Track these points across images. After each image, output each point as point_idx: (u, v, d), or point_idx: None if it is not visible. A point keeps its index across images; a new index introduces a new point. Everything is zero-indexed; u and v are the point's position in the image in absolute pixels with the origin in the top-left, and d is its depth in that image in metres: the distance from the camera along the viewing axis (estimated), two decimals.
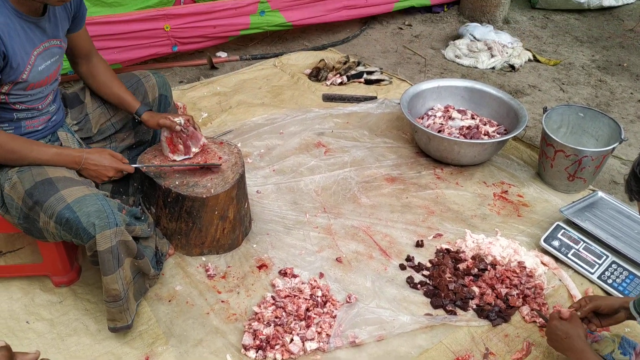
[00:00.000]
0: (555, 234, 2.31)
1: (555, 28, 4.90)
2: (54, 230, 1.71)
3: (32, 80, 1.75)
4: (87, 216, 1.64)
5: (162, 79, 2.29)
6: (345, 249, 2.28)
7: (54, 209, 1.67)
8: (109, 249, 1.67)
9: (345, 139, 3.01)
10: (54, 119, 1.95)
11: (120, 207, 1.80)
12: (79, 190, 1.71)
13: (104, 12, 3.27)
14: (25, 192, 1.71)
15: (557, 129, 2.84)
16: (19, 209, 1.74)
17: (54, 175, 1.74)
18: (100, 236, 1.65)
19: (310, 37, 4.37)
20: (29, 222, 1.76)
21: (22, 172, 1.75)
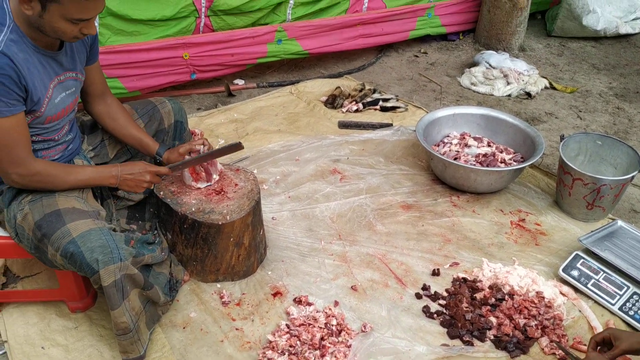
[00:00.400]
0: (574, 263, 2.27)
1: (572, 56, 4.90)
2: (61, 262, 1.73)
3: (49, 113, 1.78)
4: (90, 251, 1.65)
5: (177, 105, 2.32)
6: (360, 277, 2.27)
7: (60, 243, 1.68)
8: (112, 284, 1.67)
9: (361, 166, 3.02)
10: (70, 147, 1.98)
11: (127, 238, 1.80)
12: (84, 224, 1.72)
13: (124, 40, 3.33)
14: (35, 223, 1.73)
15: (575, 156, 2.82)
16: (30, 239, 1.77)
17: (63, 206, 1.76)
18: (103, 271, 1.65)
19: (326, 64, 4.42)
20: (40, 253, 1.78)
21: (33, 203, 1.77)
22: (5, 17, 1.62)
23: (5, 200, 1.82)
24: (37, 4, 1.57)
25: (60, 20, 1.61)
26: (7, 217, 1.82)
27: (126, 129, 2.10)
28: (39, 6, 1.57)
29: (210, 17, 3.61)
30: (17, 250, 1.90)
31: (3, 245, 1.91)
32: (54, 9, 1.57)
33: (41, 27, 1.63)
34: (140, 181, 1.92)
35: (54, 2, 1.56)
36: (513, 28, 4.74)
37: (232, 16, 3.69)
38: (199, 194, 2.15)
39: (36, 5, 1.57)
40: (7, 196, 1.82)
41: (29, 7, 1.58)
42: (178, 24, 3.50)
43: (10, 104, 1.61)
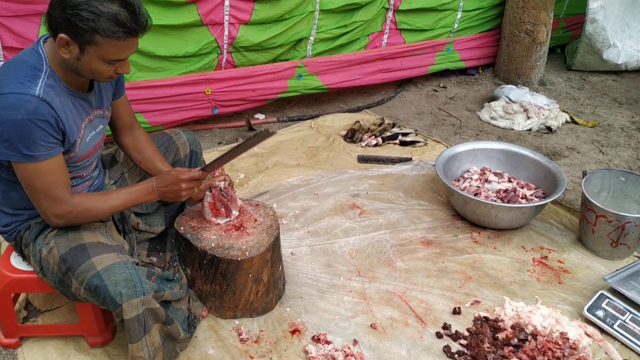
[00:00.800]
0: (600, 303, 2.22)
1: (593, 89, 4.88)
2: (85, 296, 1.74)
3: (82, 152, 1.82)
4: (114, 285, 1.66)
5: (192, 135, 2.36)
6: (379, 315, 2.24)
7: (85, 276, 1.70)
8: (135, 318, 1.68)
9: (380, 201, 3.01)
10: (96, 183, 2.02)
11: (149, 273, 1.82)
12: (109, 258, 1.73)
13: (148, 76, 3.41)
14: (60, 257, 1.75)
15: (598, 193, 2.78)
16: (55, 273, 1.79)
17: (88, 240, 1.78)
18: (126, 305, 1.66)
19: (345, 99, 4.47)
20: (64, 286, 1.80)
21: (59, 237, 1.79)
22: (41, 62, 1.66)
23: (31, 235, 1.85)
24: (76, 48, 1.61)
25: (98, 62, 1.65)
26: (32, 252, 1.84)
27: (151, 162, 2.14)
28: (77, 49, 1.61)
29: (232, 53, 3.69)
30: (40, 284, 1.92)
31: (26, 279, 1.94)
32: (92, 51, 1.62)
33: (78, 70, 1.68)
34: (178, 190, 1.91)
35: (92, 45, 1.60)
36: (532, 62, 4.75)
37: (254, 52, 3.77)
38: (218, 229, 2.16)
39: (74, 48, 1.61)
40: (34, 231, 1.85)
41: (66, 50, 1.62)
42: (201, 60, 3.58)
43: (49, 147, 1.64)
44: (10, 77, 1.61)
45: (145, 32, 1.69)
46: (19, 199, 1.79)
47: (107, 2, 1.57)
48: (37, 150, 1.61)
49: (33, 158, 1.62)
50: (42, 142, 1.62)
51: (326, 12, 3.94)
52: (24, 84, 1.59)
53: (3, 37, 2.87)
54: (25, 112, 1.56)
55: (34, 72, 1.64)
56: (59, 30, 1.59)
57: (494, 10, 4.86)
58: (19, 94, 1.57)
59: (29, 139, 1.59)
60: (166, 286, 1.96)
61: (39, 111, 1.58)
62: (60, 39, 1.59)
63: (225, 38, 3.58)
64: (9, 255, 2.00)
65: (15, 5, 2.84)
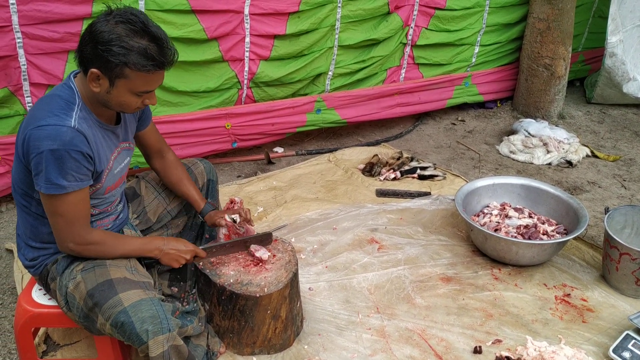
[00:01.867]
0: (626, 344, 2.16)
1: (613, 123, 4.85)
2: (110, 331, 1.75)
3: (109, 184, 1.87)
4: (141, 322, 1.67)
5: (208, 164, 2.44)
6: (399, 354, 2.20)
7: (111, 312, 1.71)
8: (160, 355, 1.68)
9: (399, 236, 3.00)
10: (120, 217, 2.06)
11: (174, 309, 1.83)
12: (135, 294, 1.75)
13: (170, 111, 3.48)
14: (87, 292, 1.77)
15: (621, 229, 2.73)
16: (80, 308, 1.80)
17: (115, 276, 1.80)
18: (152, 342, 1.66)
19: (364, 132, 4.49)
20: (89, 321, 1.81)
21: (86, 272, 1.81)
22: (74, 96, 1.73)
23: (58, 269, 1.87)
24: (106, 81, 1.68)
25: (127, 94, 1.71)
26: (58, 286, 1.86)
27: (178, 186, 2.24)
28: (107, 83, 1.68)
29: (252, 88, 3.75)
30: (60, 319, 1.93)
31: (47, 314, 1.95)
32: (122, 84, 1.68)
33: (107, 103, 1.74)
34: (181, 257, 1.99)
35: (122, 78, 1.66)
36: (551, 96, 4.75)
37: (273, 87, 3.82)
38: (237, 265, 2.16)
39: (104, 82, 1.68)
40: (61, 265, 1.87)
41: (97, 85, 1.69)
42: (221, 95, 3.64)
43: (79, 179, 1.70)
44: (45, 110, 1.68)
45: (173, 65, 1.76)
46: (47, 234, 1.83)
47: (137, 37, 1.64)
48: (67, 180, 1.66)
49: (62, 188, 1.66)
50: (74, 172, 1.67)
51: (344, 48, 4.00)
52: (59, 117, 1.66)
53: (31, 74, 2.96)
54: (62, 143, 1.62)
55: (68, 105, 1.70)
56: (90, 66, 1.66)
57: (512, 45, 4.89)
58: (55, 125, 1.64)
59: (62, 168, 1.64)
60: (187, 320, 1.97)
61: (74, 142, 1.64)
62: (91, 74, 1.66)
63: (246, 74, 3.64)
64: (31, 290, 2.02)
65: (43, 44, 2.94)
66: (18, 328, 1.97)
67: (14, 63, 2.91)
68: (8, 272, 2.67)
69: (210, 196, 2.42)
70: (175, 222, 2.33)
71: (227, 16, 3.42)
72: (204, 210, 2.26)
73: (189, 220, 2.37)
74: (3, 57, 2.87)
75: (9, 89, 2.95)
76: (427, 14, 4.28)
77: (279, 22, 3.62)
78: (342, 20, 3.88)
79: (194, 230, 2.40)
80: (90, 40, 1.63)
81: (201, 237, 2.44)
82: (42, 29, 2.90)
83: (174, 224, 2.33)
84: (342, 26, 3.91)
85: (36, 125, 1.64)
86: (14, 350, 2.22)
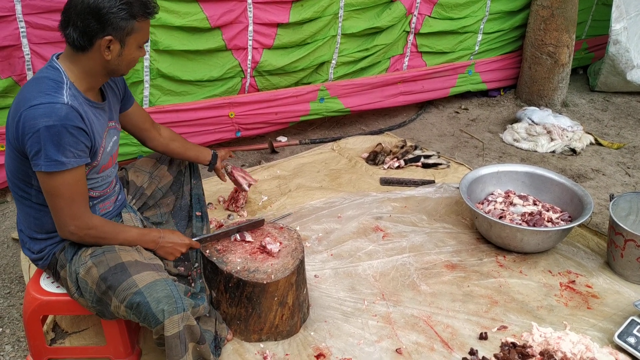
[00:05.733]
0: (631, 329, 2.17)
1: (617, 111, 4.84)
2: (124, 313, 1.76)
3: (104, 162, 1.89)
4: (157, 302, 1.69)
5: None
6: (405, 340, 2.21)
7: (126, 294, 1.72)
8: (176, 334, 1.70)
9: (404, 224, 3.00)
10: (120, 198, 2.09)
11: (186, 290, 1.85)
12: (149, 275, 1.76)
13: (173, 100, 3.47)
14: (100, 276, 1.78)
15: (626, 216, 2.74)
16: (93, 292, 1.81)
17: (126, 259, 1.81)
18: (168, 322, 1.68)
19: (367, 121, 4.48)
20: (102, 305, 1.82)
21: (96, 257, 1.82)
22: (61, 75, 1.74)
23: (67, 256, 1.88)
24: (117, 45, 1.75)
25: (135, 50, 1.81)
26: (68, 273, 1.86)
27: (184, 154, 2.40)
28: (119, 45, 1.75)
29: (255, 77, 3.74)
30: (69, 306, 1.94)
31: (55, 302, 1.96)
32: (132, 40, 1.77)
33: (118, 67, 1.81)
34: (177, 250, 2.01)
35: (133, 33, 1.76)
36: (555, 84, 4.73)
37: (277, 76, 3.81)
38: (244, 252, 2.17)
39: (116, 46, 1.75)
40: (69, 252, 1.88)
41: (108, 52, 1.75)
42: (224, 84, 3.64)
43: (78, 155, 1.71)
44: (36, 91, 1.69)
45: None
46: (51, 223, 1.83)
47: None
48: (66, 156, 1.67)
49: (62, 165, 1.67)
50: (72, 148, 1.68)
51: (348, 36, 3.99)
52: (51, 95, 1.67)
53: (34, 63, 2.96)
54: (57, 118, 1.64)
55: (57, 84, 1.72)
56: (96, 38, 1.71)
57: (515, 32, 4.86)
58: (49, 103, 1.66)
59: (60, 144, 1.65)
60: (197, 299, 1.98)
61: (70, 117, 1.66)
62: (104, 42, 1.72)
63: (249, 62, 3.64)
64: (39, 278, 2.03)
65: (47, 33, 2.93)
66: (27, 316, 1.98)
67: (18, 53, 2.91)
68: (15, 261, 2.68)
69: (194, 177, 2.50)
70: (165, 201, 2.35)
71: (231, 4, 3.41)
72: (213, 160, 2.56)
73: (177, 201, 2.40)
74: (7, 46, 2.87)
75: (13, 79, 2.95)
76: (430, 2, 4.26)
77: (282, 11, 3.61)
78: (345, 8, 3.86)
79: (184, 210, 2.41)
80: (91, 15, 1.68)
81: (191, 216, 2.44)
82: (45, 18, 2.90)
83: (164, 202, 2.35)
84: (345, 14, 3.89)
85: (29, 105, 1.65)
86: (22, 338, 2.23)
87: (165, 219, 2.33)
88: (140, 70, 3.27)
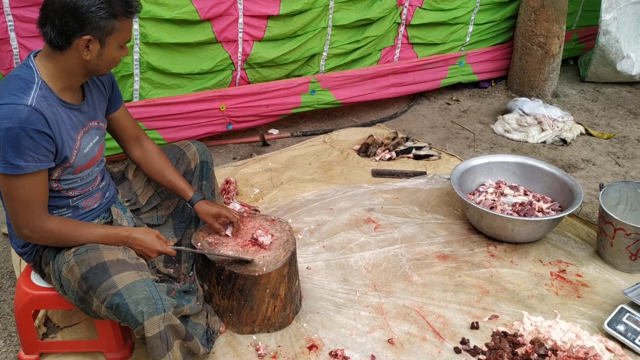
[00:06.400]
0: (620, 317, 2.20)
1: (607, 101, 4.86)
2: (106, 314, 1.75)
3: (79, 163, 1.83)
4: (136, 304, 1.67)
5: (202, 146, 2.39)
6: (397, 330, 2.23)
7: (106, 295, 1.71)
8: (157, 335, 1.69)
9: (395, 215, 3.01)
10: (107, 195, 2.05)
11: (169, 289, 1.83)
12: (129, 276, 1.74)
13: (163, 94, 3.45)
14: (81, 276, 1.77)
15: (616, 205, 2.76)
16: (75, 291, 1.80)
17: (109, 259, 1.79)
18: (148, 323, 1.67)
19: (358, 113, 4.48)
20: (85, 304, 1.82)
21: (79, 255, 1.80)
22: (33, 75, 1.70)
23: (50, 253, 1.87)
24: (96, 44, 1.69)
25: (116, 50, 1.76)
26: (52, 270, 1.86)
27: (161, 174, 2.17)
28: (98, 45, 1.70)
29: (246, 69, 3.72)
30: (60, 301, 1.94)
31: (46, 296, 1.96)
32: (112, 40, 1.72)
33: (97, 67, 1.75)
34: (146, 255, 1.94)
35: (113, 33, 1.70)
36: (546, 75, 4.75)
37: (267, 68, 3.80)
38: (235, 245, 2.17)
39: (95, 46, 1.69)
40: (53, 250, 1.87)
41: (87, 52, 1.69)
42: (215, 77, 3.62)
43: (37, 159, 1.66)
44: (4, 90, 1.65)
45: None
46: None
47: None
48: (25, 160, 1.63)
49: (19, 169, 1.63)
50: (30, 152, 1.63)
51: (339, 28, 3.97)
52: (16, 95, 1.63)
53: (23, 57, 2.93)
54: (17, 120, 1.59)
55: (26, 84, 1.67)
56: (74, 37, 1.66)
57: (506, 23, 4.87)
58: (12, 104, 1.61)
59: (18, 147, 1.61)
60: (184, 299, 1.97)
61: (30, 119, 1.61)
62: (82, 41, 1.66)
63: (239, 55, 3.62)
64: (29, 273, 2.03)
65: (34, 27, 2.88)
66: (18, 311, 1.98)
67: (6, 46, 2.88)
68: (5, 256, 2.67)
69: (205, 178, 2.40)
70: (166, 204, 2.31)
71: None
72: (193, 199, 2.18)
73: (179, 203, 2.34)
74: None
75: (1, 72, 2.92)
76: None
77: (273, 3, 3.58)
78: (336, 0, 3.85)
79: (186, 212, 2.36)
80: (69, 14, 1.62)
81: (197, 219, 2.39)
82: (33, 12, 2.86)
83: (164, 205, 2.31)
84: (335, 6, 3.87)
85: None
86: (14, 333, 2.23)
87: (162, 221, 2.30)
88: (130, 64, 3.25)
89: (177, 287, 1.97)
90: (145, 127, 3.37)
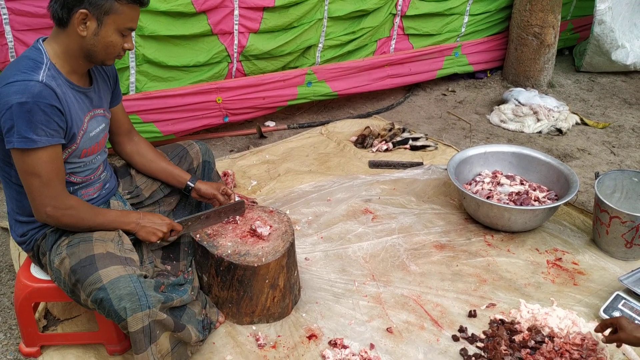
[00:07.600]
0: (616, 304, 2.22)
1: (602, 91, 4.88)
2: (92, 307, 1.76)
3: (85, 146, 1.86)
4: (119, 299, 1.68)
5: (204, 146, 2.42)
6: (395, 319, 2.25)
7: (92, 289, 1.72)
8: (140, 330, 1.70)
9: (393, 206, 3.02)
10: (107, 186, 2.07)
11: (158, 283, 1.82)
12: (115, 271, 1.74)
13: (160, 86, 3.45)
14: (70, 268, 1.77)
15: (611, 194, 2.78)
16: (66, 283, 1.81)
17: (98, 251, 1.79)
18: (131, 319, 1.68)
19: (355, 105, 4.49)
20: (75, 296, 1.82)
21: (71, 247, 1.81)
22: (42, 56, 1.74)
23: (47, 244, 1.87)
24: (93, 22, 1.72)
25: (114, 33, 1.76)
26: (48, 261, 1.87)
27: (155, 162, 2.21)
28: (95, 23, 1.72)
29: (242, 62, 3.72)
30: (60, 293, 1.94)
31: (46, 289, 1.97)
32: (110, 21, 1.73)
33: (93, 47, 1.76)
34: (158, 230, 1.98)
35: (111, 14, 1.72)
36: (541, 65, 4.76)
37: (263, 60, 3.80)
38: (234, 236, 2.18)
39: (92, 23, 1.72)
40: (49, 240, 1.88)
41: (84, 28, 1.72)
42: (211, 70, 3.61)
43: (50, 134, 1.68)
44: (14, 70, 1.69)
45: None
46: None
47: None
48: (38, 134, 1.65)
49: (33, 142, 1.65)
50: (44, 126, 1.66)
51: (334, 19, 3.97)
52: (27, 73, 1.67)
53: (18, 50, 2.92)
54: (30, 95, 1.63)
55: (36, 64, 1.71)
56: (75, 9, 1.69)
57: (501, 14, 4.87)
58: (23, 80, 1.65)
59: (32, 121, 1.64)
60: (177, 292, 1.96)
61: (43, 94, 1.65)
62: (79, 15, 1.69)
63: (235, 47, 3.61)
64: (29, 265, 2.03)
65: (29, 20, 2.89)
66: (18, 303, 1.98)
67: (1, 40, 2.87)
68: (4, 250, 2.67)
69: (207, 177, 2.41)
70: (168, 200, 2.32)
71: None
72: (192, 181, 2.23)
73: (182, 199, 2.36)
74: None
75: None
76: None
77: None
78: None
79: (187, 210, 2.38)
80: None
81: None
82: (27, 5, 2.85)
83: (166, 201, 2.32)
84: None
85: (4, 83, 1.65)
86: (14, 326, 2.23)
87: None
88: (126, 57, 3.24)
89: (167, 282, 1.95)
90: (141, 120, 3.37)
